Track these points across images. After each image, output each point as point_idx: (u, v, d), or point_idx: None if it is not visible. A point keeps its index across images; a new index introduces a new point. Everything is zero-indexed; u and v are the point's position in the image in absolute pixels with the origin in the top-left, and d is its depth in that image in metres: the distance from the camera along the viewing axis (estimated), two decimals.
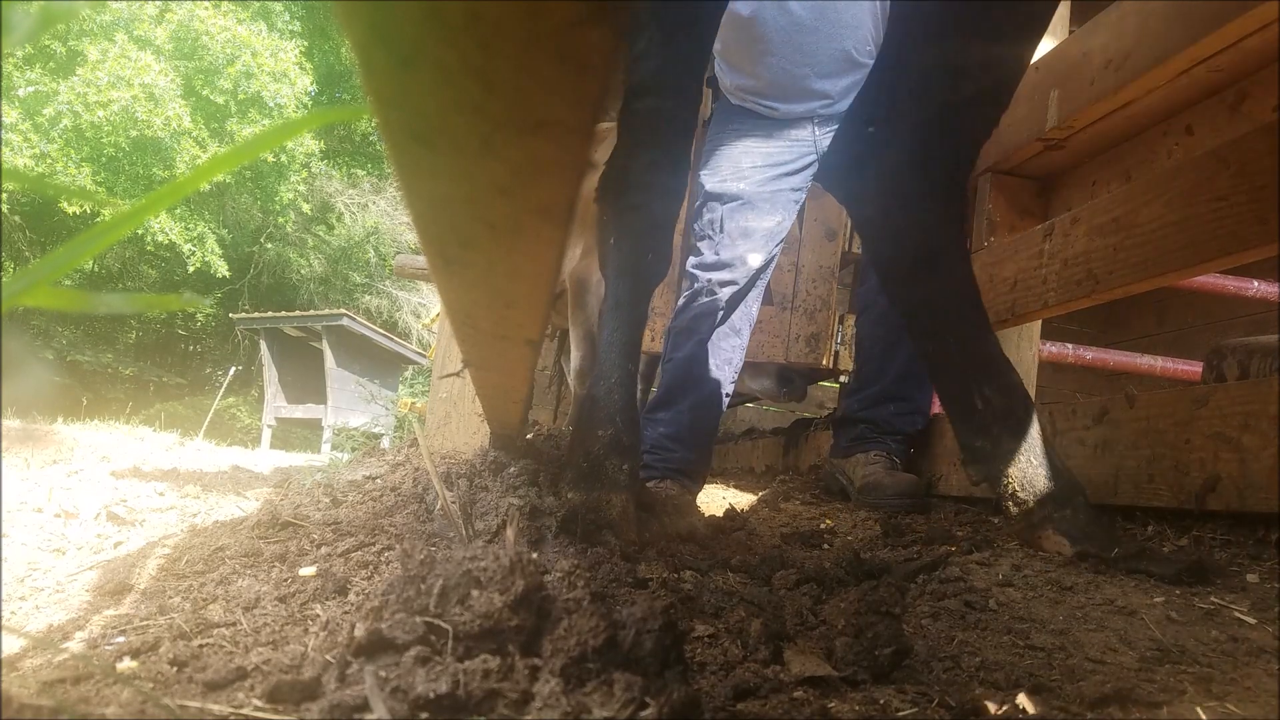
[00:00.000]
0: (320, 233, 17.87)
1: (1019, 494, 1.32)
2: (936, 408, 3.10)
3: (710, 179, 2.27)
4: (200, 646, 0.75)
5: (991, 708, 0.69)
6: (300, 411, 12.03)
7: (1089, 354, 3.56)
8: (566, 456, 1.42)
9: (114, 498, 1.86)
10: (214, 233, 14.43)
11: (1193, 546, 1.31)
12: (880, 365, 2.22)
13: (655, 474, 2.09)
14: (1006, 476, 1.34)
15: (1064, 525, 1.27)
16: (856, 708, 0.68)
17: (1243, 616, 0.97)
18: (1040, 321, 2.33)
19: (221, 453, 4.27)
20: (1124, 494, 1.44)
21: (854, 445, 2.19)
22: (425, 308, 15.32)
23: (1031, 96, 1.96)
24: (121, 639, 0.79)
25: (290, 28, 15.46)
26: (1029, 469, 1.31)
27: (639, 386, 4.06)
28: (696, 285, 2.23)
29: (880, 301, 2.24)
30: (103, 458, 2.73)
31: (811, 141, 2.30)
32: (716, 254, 2.21)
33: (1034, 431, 1.33)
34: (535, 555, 0.66)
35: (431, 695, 0.53)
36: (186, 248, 13.64)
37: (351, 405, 11.78)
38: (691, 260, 2.29)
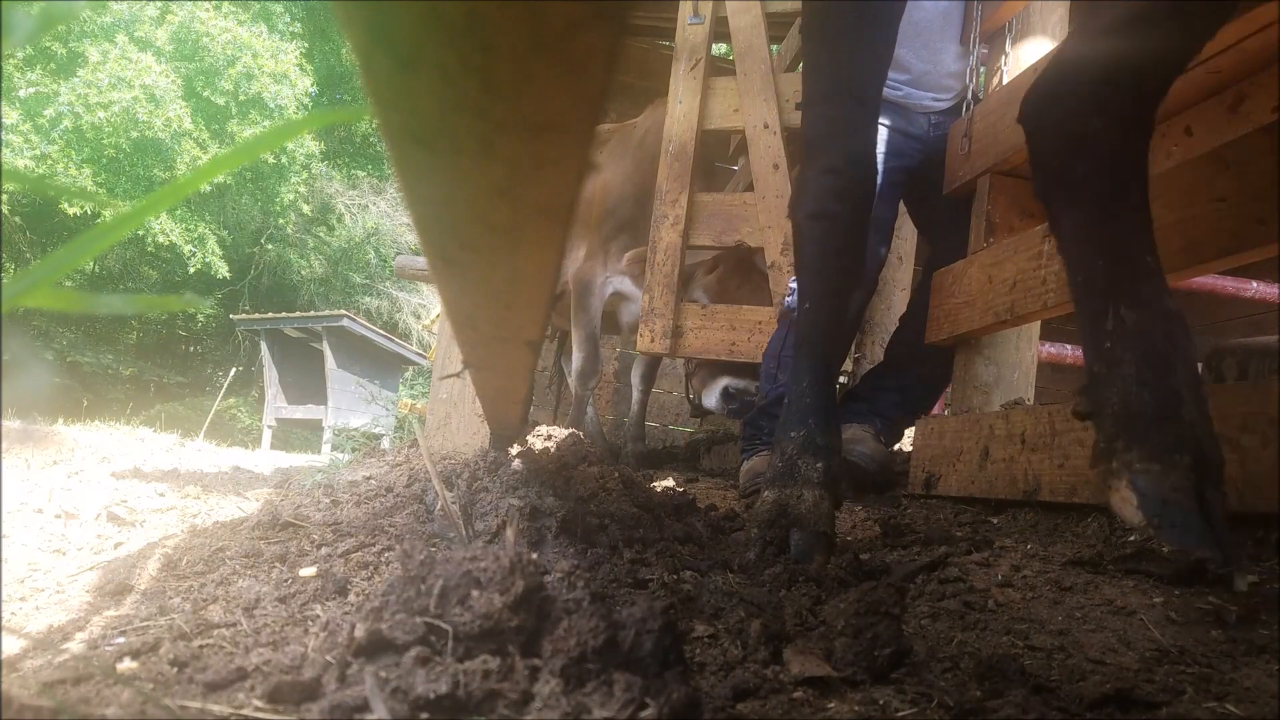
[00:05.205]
0: (320, 234, 17.86)
1: (1106, 425, 1.02)
2: (937, 408, 3.09)
3: None
4: (200, 647, 0.75)
5: (991, 708, 0.69)
6: (301, 412, 12.02)
7: None
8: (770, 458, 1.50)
9: (114, 498, 1.86)
10: (214, 234, 14.42)
11: None
12: (904, 370, 2.38)
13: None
14: (1105, 402, 1.03)
15: (1145, 483, 0.95)
16: (856, 708, 0.69)
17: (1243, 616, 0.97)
18: (1040, 322, 2.33)
19: (222, 453, 4.27)
20: None
21: (849, 416, 2.34)
22: (425, 309, 15.32)
23: None
24: (122, 640, 0.79)
25: (291, 29, 15.46)
26: (1133, 395, 0.99)
27: (640, 388, 4.05)
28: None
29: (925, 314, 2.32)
30: (103, 458, 2.73)
31: (923, 137, 2.36)
32: None
33: (1170, 360, 1.01)
34: (535, 556, 0.66)
35: (431, 696, 0.53)
36: (187, 249, 13.64)
37: (352, 406, 11.78)
38: None
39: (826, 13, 1.50)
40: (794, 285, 2.28)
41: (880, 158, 2.27)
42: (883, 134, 2.31)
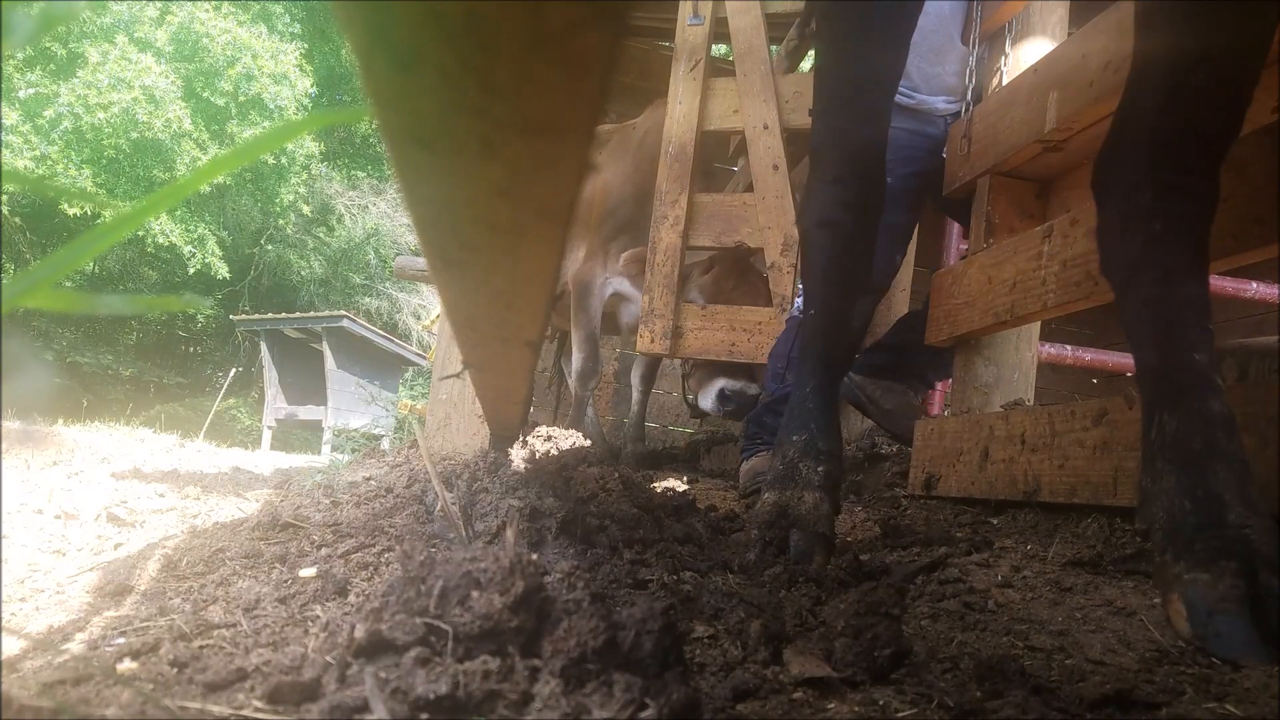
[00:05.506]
0: (320, 234, 17.86)
1: (1158, 540, 1.04)
2: (935, 409, 3.09)
3: None
4: (200, 648, 0.75)
5: (991, 709, 0.69)
6: (300, 413, 12.02)
7: (1088, 355, 3.55)
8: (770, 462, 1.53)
9: (114, 499, 1.86)
10: (214, 234, 14.42)
11: None
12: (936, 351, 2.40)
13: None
14: (1154, 518, 1.05)
15: (1194, 595, 0.94)
16: (856, 709, 0.68)
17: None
18: (1040, 323, 2.33)
19: (222, 454, 4.27)
20: (1123, 494, 1.44)
21: (883, 372, 2.38)
22: (425, 309, 15.31)
23: (1030, 99, 1.96)
24: (122, 640, 0.79)
25: (291, 30, 15.46)
26: (1175, 507, 1.01)
27: (640, 388, 4.05)
28: None
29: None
30: (103, 459, 2.73)
31: (939, 138, 2.38)
32: None
33: (1207, 465, 1.01)
34: (535, 556, 0.66)
35: (431, 696, 0.53)
36: (187, 249, 13.64)
37: (351, 407, 11.78)
38: None
39: (837, 20, 1.50)
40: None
41: (894, 165, 2.27)
42: (896, 141, 2.31)
